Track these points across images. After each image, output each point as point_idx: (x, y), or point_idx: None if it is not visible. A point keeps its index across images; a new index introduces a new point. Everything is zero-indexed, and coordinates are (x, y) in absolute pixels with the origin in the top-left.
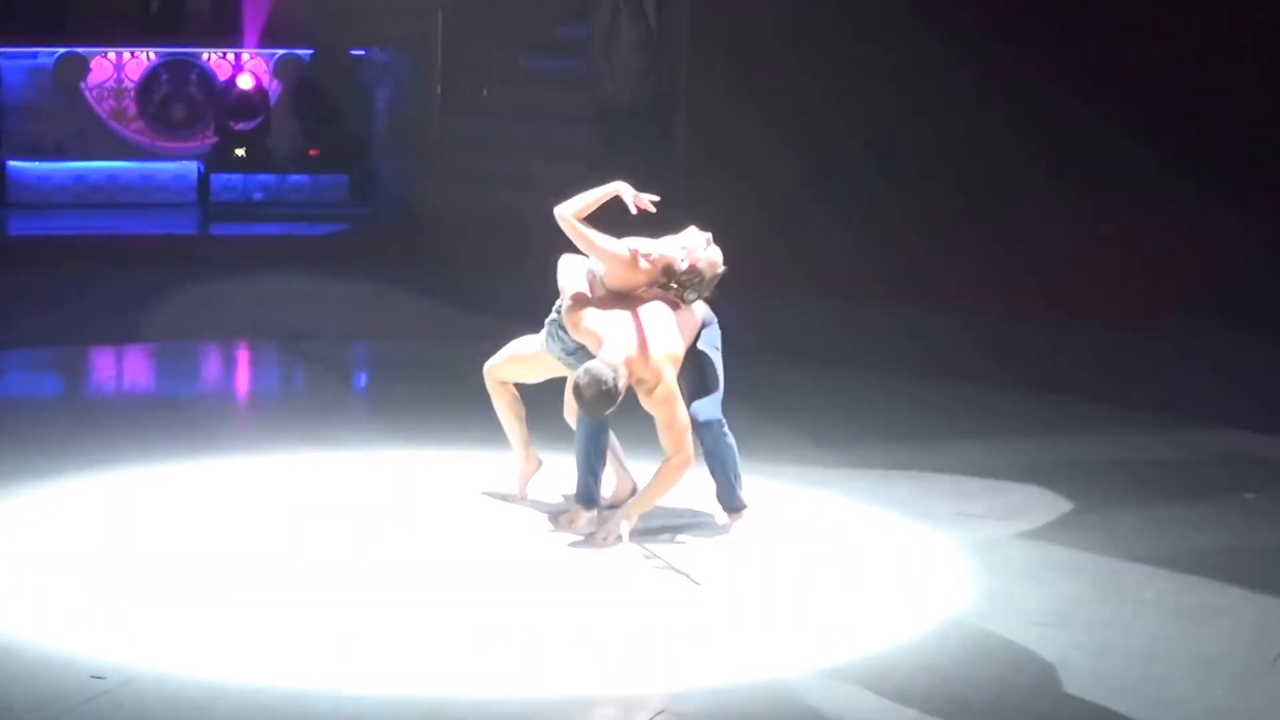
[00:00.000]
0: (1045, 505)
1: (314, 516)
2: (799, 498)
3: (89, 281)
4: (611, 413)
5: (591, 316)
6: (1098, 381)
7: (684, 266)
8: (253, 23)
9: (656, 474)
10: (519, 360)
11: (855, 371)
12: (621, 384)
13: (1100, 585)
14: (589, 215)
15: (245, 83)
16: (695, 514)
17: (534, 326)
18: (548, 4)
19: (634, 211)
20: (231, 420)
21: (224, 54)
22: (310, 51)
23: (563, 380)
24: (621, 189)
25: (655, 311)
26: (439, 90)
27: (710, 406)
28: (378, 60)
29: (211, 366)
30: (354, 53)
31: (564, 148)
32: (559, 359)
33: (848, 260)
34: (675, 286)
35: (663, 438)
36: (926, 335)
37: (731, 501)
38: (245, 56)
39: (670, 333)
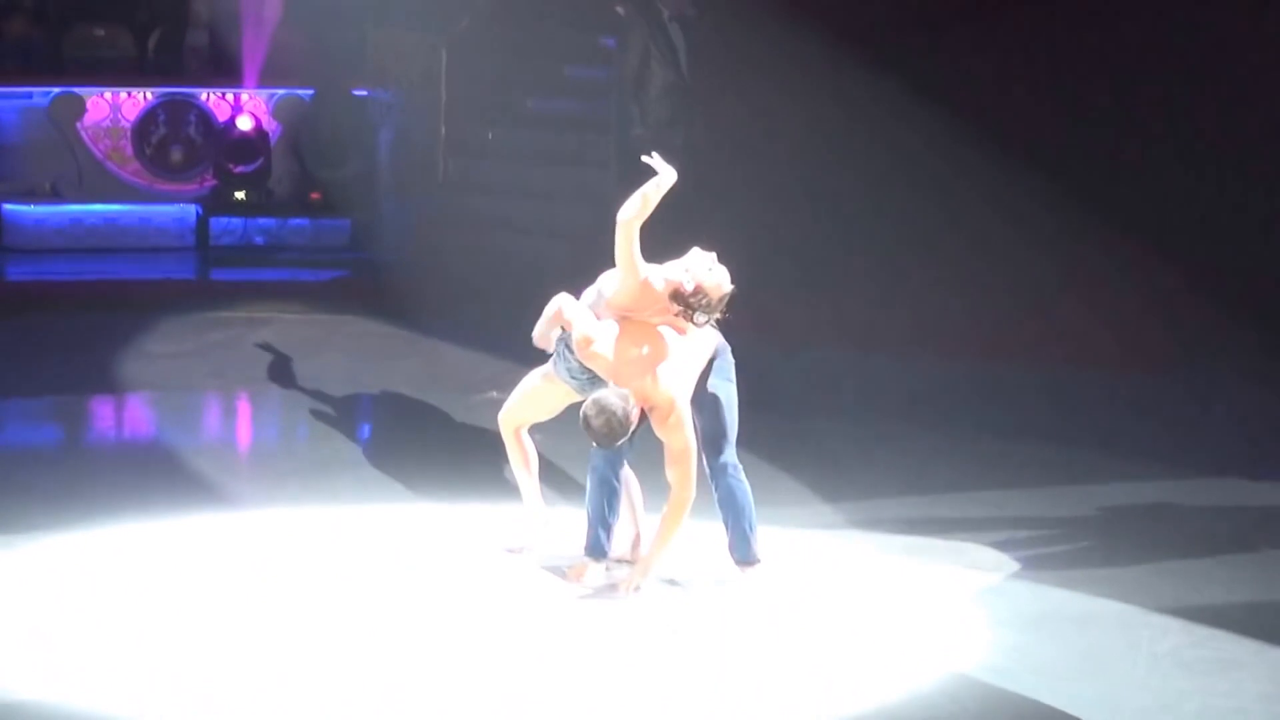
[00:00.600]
0: (1056, 556)
1: (317, 572)
2: (809, 548)
3: (86, 327)
4: (624, 445)
5: (602, 342)
6: (1106, 430)
7: (690, 288)
8: (252, 62)
9: (664, 516)
10: (530, 396)
11: (868, 422)
12: (633, 414)
13: (1112, 638)
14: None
15: (245, 124)
16: (708, 567)
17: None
18: (554, 45)
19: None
20: (232, 472)
21: (223, 94)
22: (311, 92)
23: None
24: (666, 177)
25: (666, 337)
26: (443, 132)
27: (724, 447)
28: (380, 101)
29: (211, 415)
30: (356, 93)
31: (571, 190)
32: (567, 382)
33: (868, 310)
34: (685, 309)
35: (671, 470)
36: (940, 385)
37: (745, 554)
38: (245, 97)
39: (681, 358)
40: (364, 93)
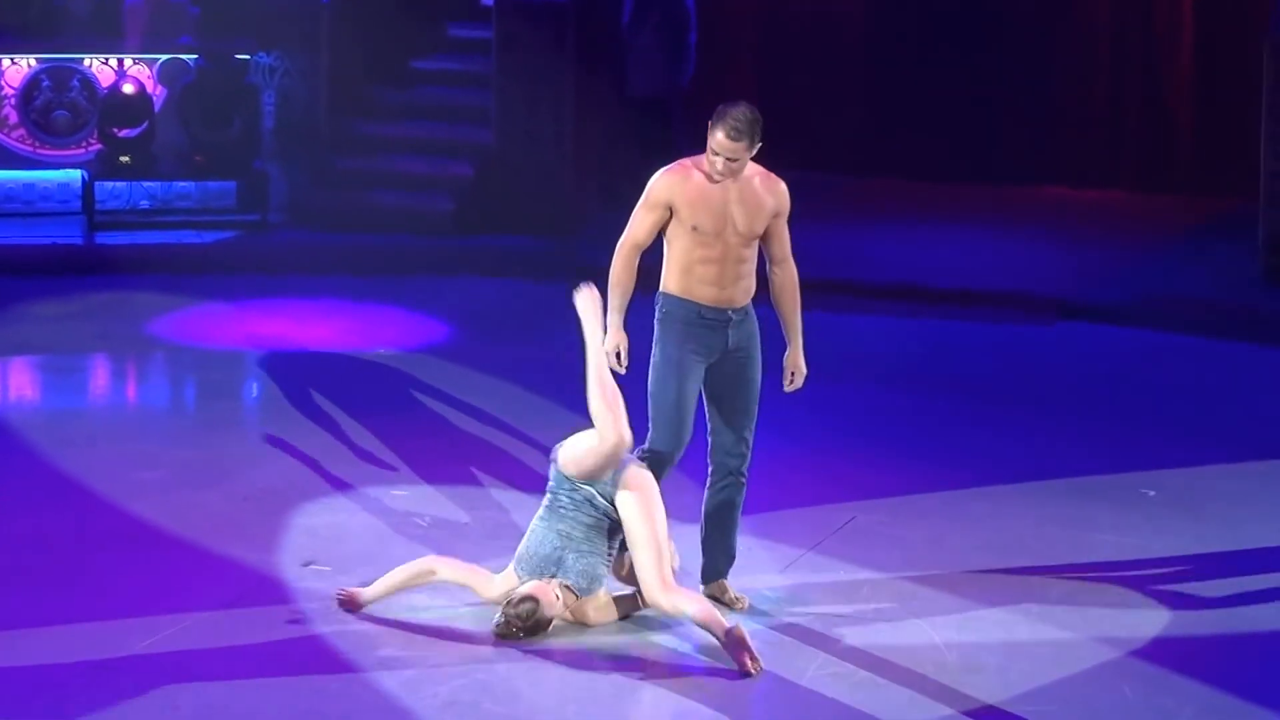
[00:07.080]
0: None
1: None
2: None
3: None
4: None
5: None
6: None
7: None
8: (134, 27)
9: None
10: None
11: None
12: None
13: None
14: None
15: (129, 88)
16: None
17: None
18: (437, 4)
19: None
20: (119, 434)
21: (106, 60)
22: (195, 56)
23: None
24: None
25: None
26: (325, 93)
27: (742, 447)
28: (264, 63)
29: (99, 379)
30: (239, 57)
31: (454, 148)
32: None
33: None
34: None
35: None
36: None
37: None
38: (128, 62)
39: None
40: (247, 56)
